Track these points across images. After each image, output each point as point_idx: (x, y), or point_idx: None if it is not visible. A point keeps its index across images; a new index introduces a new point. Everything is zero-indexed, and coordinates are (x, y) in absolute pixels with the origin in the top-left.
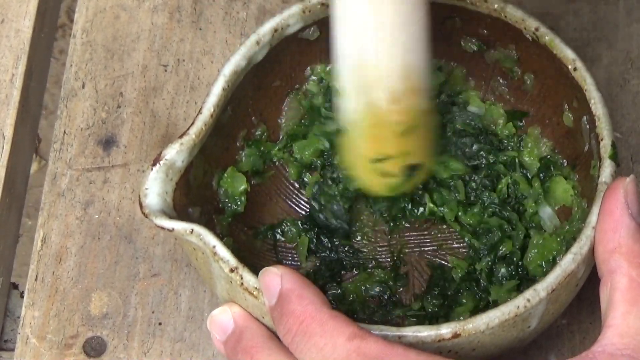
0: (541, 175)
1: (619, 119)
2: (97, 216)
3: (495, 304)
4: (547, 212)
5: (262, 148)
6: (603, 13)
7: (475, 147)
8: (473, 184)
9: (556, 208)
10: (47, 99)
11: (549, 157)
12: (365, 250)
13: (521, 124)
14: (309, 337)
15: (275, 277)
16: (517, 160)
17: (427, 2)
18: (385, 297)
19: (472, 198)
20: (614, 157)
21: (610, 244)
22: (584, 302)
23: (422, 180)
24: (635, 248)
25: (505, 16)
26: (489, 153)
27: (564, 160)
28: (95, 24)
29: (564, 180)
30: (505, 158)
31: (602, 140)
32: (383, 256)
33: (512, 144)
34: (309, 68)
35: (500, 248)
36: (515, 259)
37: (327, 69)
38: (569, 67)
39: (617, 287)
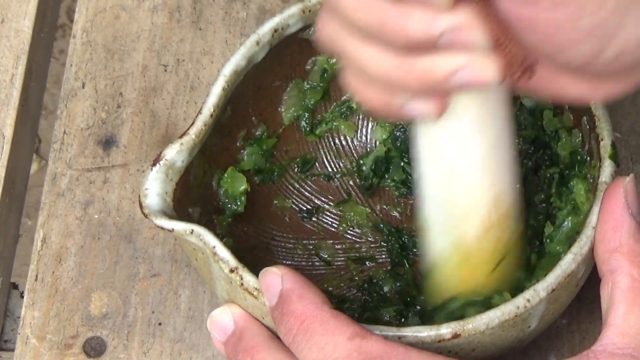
0: (566, 172)
1: (619, 119)
2: (97, 216)
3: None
4: (570, 222)
5: (264, 146)
6: None
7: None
8: None
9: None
10: (47, 99)
11: (579, 149)
12: (364, 249)
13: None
14: (309, 336)
15: (276, 277)
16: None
17: (514, 127)
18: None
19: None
20: (614, 157)
21: (610, 244)
22: (584, 302)
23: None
24: (636, 247)
25: None
26: (548, 168)
27: (588, 157)
28: (95, 24)
29: (581, 184)
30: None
31: (602, 140)
32: (383, 257)
33: (555, 139)
34: (310, 60)
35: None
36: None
37: (330, 61)
38: None
39: (618, 286)
